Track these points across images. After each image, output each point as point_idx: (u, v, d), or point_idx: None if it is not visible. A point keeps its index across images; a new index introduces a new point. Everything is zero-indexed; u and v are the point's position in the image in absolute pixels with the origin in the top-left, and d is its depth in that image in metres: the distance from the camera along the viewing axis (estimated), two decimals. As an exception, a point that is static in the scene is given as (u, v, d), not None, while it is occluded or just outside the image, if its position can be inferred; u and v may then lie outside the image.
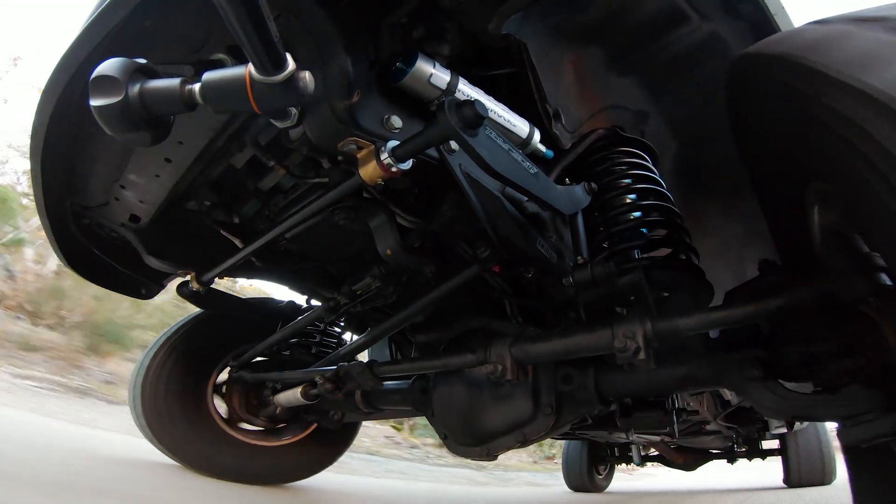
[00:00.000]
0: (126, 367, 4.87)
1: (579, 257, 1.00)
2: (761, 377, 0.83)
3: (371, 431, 6.01)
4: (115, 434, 2.72)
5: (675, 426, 1.18)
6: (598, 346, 0.90)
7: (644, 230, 1.08)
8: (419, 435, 6.91)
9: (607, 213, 1.13)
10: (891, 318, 0.67)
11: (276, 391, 1.78)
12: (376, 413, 1.69)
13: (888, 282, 0.64)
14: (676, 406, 1.22)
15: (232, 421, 1.89)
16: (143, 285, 1.60)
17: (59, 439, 2.07)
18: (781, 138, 0.76)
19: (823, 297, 0.71)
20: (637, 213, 1.10)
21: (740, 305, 0.78)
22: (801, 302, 0.73)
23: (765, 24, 1.03)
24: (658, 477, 7.41)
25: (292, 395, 1.63)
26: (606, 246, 1.10)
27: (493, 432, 1.16)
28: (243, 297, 1.97)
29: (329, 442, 2.12)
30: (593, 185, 1.10)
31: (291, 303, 1.96)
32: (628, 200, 1.12)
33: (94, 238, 1.38)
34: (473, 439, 1.20)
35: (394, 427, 6.79)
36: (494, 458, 1.18)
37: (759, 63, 0.75)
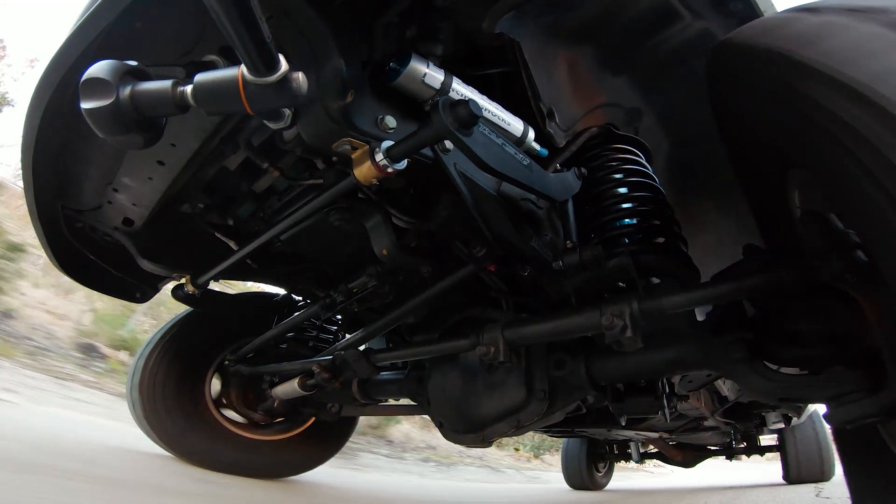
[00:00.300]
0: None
1: (568, 242, 1.01)
2: (747, 359, 0.85)
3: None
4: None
5: (666, 410, 1.19)
6: (587, 326, 0.91)
7: (634, 220, 1.09)
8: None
9: (598, 204, 1.14)
10: (871, 298, 0.68)
11: (273, 385, 1.78)
12: (373, 404, 1.70)
13: (864, 258, 0.65)
14: (667, 391, 1.24)
15: (229, 415, 1.89)
16: (137, 289, 1.60)
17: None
18: (762, 126, 0.76)
19: (803, 276, 0.72)
20: (627, 205, 1.12)
21: (722, 283, 0.80)
22: (781, 280, 0.74)
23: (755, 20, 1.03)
24: (674, 475, 7.45)
25: (290, 387, 1.63)
26: (596, 234, 1.12)
27: (487, 419, 1.18)
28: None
29: (327, 436, 2.13)
30: (583, 170, 1.11)
31: (287, 297, 1.96)
32: (619, 192, 1.13)
33: (88, 242, 1.37)
34: (468, 426, 1.21)
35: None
36: (489, 444, 1.20)
37: (740, 51, 0.75)
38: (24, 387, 3.01)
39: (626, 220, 1.10)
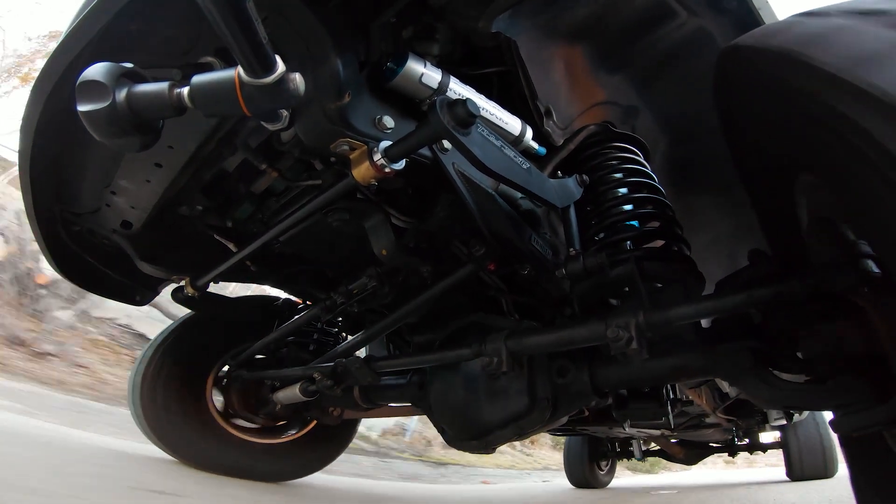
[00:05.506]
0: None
1: (571, 249, 1.00)
2: (753, 367, 0.84)
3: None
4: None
5: (671, 416, 1.18)
6: (591, 338, 0.90)
7: (636, 223, 1.08)
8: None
9: (599, 206, 1.13)
10: (880, 307, 0.67)
11: (274, 389, 1.78)
12: (375, 409, 1.70)
13: (875, 269, 0.64)
14: (671, 397, 1.23)
15: (231, 419, 1.89)
16: (136, 291, 1.59)
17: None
18: (771, 131, 0.75)
19: (813, 287, 0.71)
20: (629, 206, 1.11)
21: (731, 294, 0.78)
22: (791, 291, 0.73)
23: (749, 18, 1.04)
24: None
25: (291, 393, 1.63)
26: (599, 238, 1.11)
27: (490, 426, 1.16)
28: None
29: (329, 439, 2.12)
30: (585, 177, 1.10)
31: (288, 300, 1.96)
32: (620, 194, 1.12)
33: (86, 245, 1.36)
34: (471, 433, 1.20)
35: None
36: (492, 451, 1.19)
37: (749, 55, 0.74)
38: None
39: (628, 221, 1.09)
